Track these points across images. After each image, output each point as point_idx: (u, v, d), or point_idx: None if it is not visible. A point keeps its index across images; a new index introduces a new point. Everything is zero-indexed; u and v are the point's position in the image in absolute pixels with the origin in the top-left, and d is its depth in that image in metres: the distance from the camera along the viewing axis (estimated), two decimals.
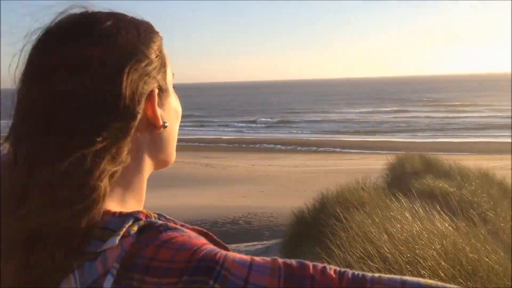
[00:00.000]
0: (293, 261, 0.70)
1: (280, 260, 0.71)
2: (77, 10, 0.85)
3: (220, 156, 30.59)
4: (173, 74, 0.92)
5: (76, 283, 0.71)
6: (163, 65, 0.87)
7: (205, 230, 0.85)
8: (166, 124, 0.87)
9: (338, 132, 48.01)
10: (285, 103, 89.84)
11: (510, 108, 68.18)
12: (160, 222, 0.76)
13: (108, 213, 0.75)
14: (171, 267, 0.68)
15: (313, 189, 10.24)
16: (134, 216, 0.75)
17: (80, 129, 0.75)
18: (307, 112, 69.88)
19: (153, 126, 0.85)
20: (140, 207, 0.86)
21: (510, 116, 57.46)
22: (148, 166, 0.87)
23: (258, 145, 38.69)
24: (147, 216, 0.78)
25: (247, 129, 53.02)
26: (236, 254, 0.72)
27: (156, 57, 0.85)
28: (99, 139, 0.75)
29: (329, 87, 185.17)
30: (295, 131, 50.09)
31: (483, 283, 2.50)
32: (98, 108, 0.76)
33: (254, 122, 58.65)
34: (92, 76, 0.77)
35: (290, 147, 37.44)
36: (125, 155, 0.78)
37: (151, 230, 0.73)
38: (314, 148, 36.42)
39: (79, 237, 0.72)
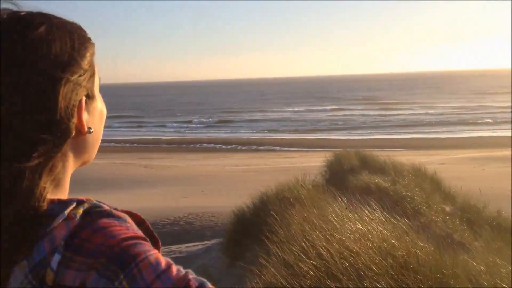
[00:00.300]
0: (197, 283, 0.75)
1: (190, 279, 0.75)
2: (6, 6, 0.82)
3: (160, 157, 30.20)
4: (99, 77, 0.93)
5: (27, 266, 0.77)
6: (93, 73, 0.89)
7: (142, 217, 0.90)
8: (91, 130, 0.89)
9: (277, 131, 48.52)
10: (223, 103, 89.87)
11: (440, 105, 71.31)
12: (105, 207, 0.83)
13: (49, 201, 0.80)
14: (97, 250, 0.74)
15: (253, 187, 10.30)
16: (76, 200, 0.82)
17: (15, 145, 0.77)
18: (246, 111, 70.19)
19: (78, 132, 0.87)
20: None
21: (440, 113, 60.10)
22: (72, 165, 0.90)
23: (198, 145, 38.50)
24: (88, 200, 0.85)
25: (186, 129, 52.64)
26: (159, 256, 0.76)
27: (89, 66, 0.86)
28: (35, 155, 0.78)
29: (267, 86, 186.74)
30: (235, 131, 50.19)
31: (415, 275, 2.61)
32: (33, 124, 0.78)
33: (192, 122, 58.33)
34: (25, 88, 0.77)
35: (231, 146, 37.50)
36: (60, 165, 0.84)
37: (95, 214, 0.80)
38: (255, 147, 36.64)
39: (26, 229, 0.77)
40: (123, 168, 22.42)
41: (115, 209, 0.86)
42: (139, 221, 0.87)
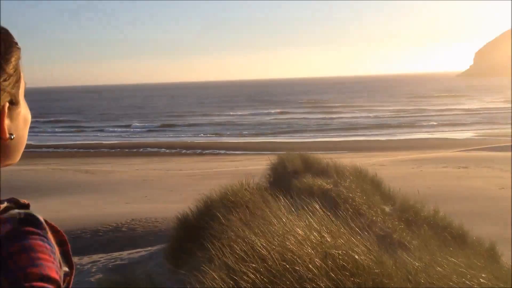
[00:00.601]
0: None
1: None
2: None
3: (102, 162, 29.49)
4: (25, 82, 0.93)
5: None
6: (18, 78, 0.88)
7: (66, 238, 0.90)
8: (12, 137, 0.88)
9: (221, 135, 48.53)
10: (166, 106, 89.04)
11: (380, 108, 73.46)
12: (41, 218, 0.84)
13: None
14: (14, 273, 0.76)
15: (198, 191, 10.21)
16: (8, 200, 0.85)
17: None
18: (189, 115, 69.81)
19: None
20: None
21: (381, 116, 61.88)
22: None
23: (141, 149, 37.91)
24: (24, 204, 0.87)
25: (128, 134, 51.72)
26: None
27: (14, 71, 0.85)
28: None
29: (211, 89, 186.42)
30: (178, 135, 49.78)
31: (353, 276, 2.65)
32: None
33: (133, 126, 57.40)
34: None
35: (175, 150, 37.13)
36: None
37: (28, 225, 0.81)
38: (199, 151, 36.46)
39: None
40: (62, 174, 21.74)
41: (46, 221, 0.86)
42: (62, 241, 0.88)
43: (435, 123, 53.51)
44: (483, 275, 3.34)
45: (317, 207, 4.39)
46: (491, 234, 6.71)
